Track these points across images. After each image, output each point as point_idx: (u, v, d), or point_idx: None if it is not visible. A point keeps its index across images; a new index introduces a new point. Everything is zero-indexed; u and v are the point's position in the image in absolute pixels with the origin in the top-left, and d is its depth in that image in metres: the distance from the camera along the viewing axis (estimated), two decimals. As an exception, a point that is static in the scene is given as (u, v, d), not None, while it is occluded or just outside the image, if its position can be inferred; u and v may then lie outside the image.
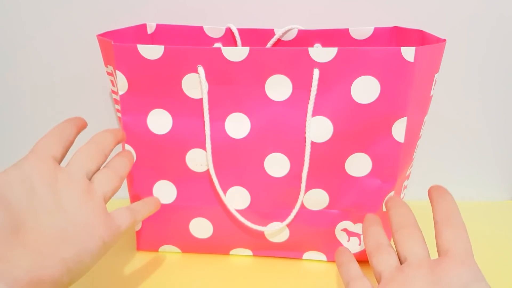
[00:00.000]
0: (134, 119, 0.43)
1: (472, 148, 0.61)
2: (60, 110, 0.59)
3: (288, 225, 0.46)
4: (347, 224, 0.45)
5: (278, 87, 0.41)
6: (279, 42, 0.53)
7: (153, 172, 0.45)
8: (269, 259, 0.48)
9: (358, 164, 0.42)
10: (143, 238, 0.49)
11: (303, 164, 0.42)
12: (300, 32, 0.52)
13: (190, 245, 0.48)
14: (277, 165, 0.43)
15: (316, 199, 0.44)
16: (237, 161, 0.43)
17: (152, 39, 0.54)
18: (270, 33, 0.52)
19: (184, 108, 0.42)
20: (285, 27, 0.51)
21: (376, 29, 0.51)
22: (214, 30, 0.53)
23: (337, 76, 0.40)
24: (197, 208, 0.46)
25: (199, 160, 0.43)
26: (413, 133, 0.43)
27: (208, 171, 0.44)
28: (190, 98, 0.42)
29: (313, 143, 0.42)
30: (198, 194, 0.45)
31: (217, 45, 0.54)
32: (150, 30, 0.54)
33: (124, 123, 0.43)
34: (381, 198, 0.43)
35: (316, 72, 0.39)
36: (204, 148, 0.43)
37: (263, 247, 0.48)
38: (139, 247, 0.49)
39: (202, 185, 0.45)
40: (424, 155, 0.61)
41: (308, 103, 0.40)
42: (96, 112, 0.59)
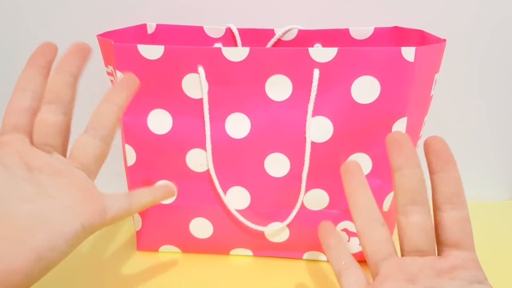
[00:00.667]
0: (134, 119, 0.43)
1: (472, 148, 0.61)
2: (60, 110, 0.59)
3: (288, 225, 0.46)
4: (347, 224, 0.45)
5: (278, 87, 0.41)
6: (279, 42, 0.53)
7: (153, 172, 0.45)
8: (269, 259, 0.48)
9: (358, 164, 0.42)
10: (143, 238, 0.49)
11: (303, 164, 0.42)
12: (300, 32, 0.52)
13: (190, 245, 0.48)
14: (277, 165, 0.43)
15: (316, 199, 0.44)
16: (237, 161, 0.43)
17: (152, 39, 0.54)
18: (270, 33, 0.52)
19: (184, 108, 0.42)
20: (285, 27, 0.51)
21: (376, 29, 0.51)
22: (214, 30, 0.53)
23: (337, 76, 0.40)
24: (197, 208, 0.46)
25: (199, 160, 0.43)
26: (413, 133, 0.43)
27: (208, 171, 0.44)
28: (190, 98, 0.42)
29: (313, 143, 0.42)
30: (198, 194, 0.45)
31: (217, 45, 0.54)
32: (150, 30, 0.54)
33: (124, 123, 0.43)
34: (381, 198, 0.44)
35: (316, 72, 0.39)
36: (204, 148, 0.43)
37: (263, 247, 0.48)
38: (139, 247, 0.49)
39: (202, 185, 0.45)
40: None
41: (308, 103, 0.40)
42: (96, 112, 0.59)
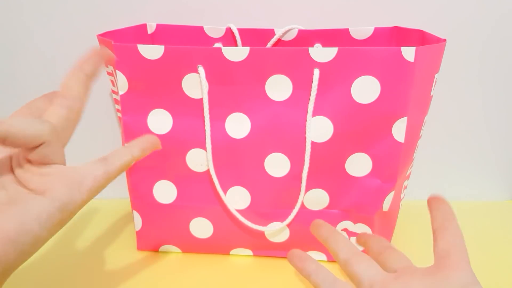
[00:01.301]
0: (134, 119, 0.43)
1: (472, 148, 0.61)
2: (60, 110, 0.59)
3: (288, 225, 0.46)
4: (347, 224, 0.45)
5: (279, 87, 0.41)
6: (279, 42, 0.53)
7: (153, 172, 0.45)
8: (269, 259, 0.48)
9: (358, 164, 0.42)
10: (143, 238, 0.49)
11: (303, 164, 0.42)
12: (300, 32, 0.52)
13: (190, 245, 0.48)
14: (277, 165, 0.43)
15: (316, 199, 0.44)
16: (237, 161, 0.43)
17: (152, 39, 0.54)
18: (270, 33, 0.52)
19: (184, 108, 0.42)
20: (285, 27, 0.51)
21: (376, 29, 0.51)
22: (214, 30, 0.53)
23: (338, 76, 0.40)
24: (197, 208, 0.46)
25: (199, 160, 0.43)
26: (414, 133, 0.43)
27: (208, 171, 0.44)
28: (190, 98, 0.42)
29: (313, 143, 0.42)
30: (198, 194, 0.45)
31: (217, 45, 0.54)
32: (150, 30, 0.54)
33: (124, 123, 0.43)
34: (381, 198, 0.43)
35: (317, 72, 0.39)
36: (204, 148, 0.43)
37: (263, 247, 0.48)
38: (139, 247, 0.49)
39: (202, 185, 0.45)
40: (424, 155, 0.61)
41: (309, 103, 0.40)
42: (96, 112, 0.59)
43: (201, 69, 0.40)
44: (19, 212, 0.26)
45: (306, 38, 0.52)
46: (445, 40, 0.41)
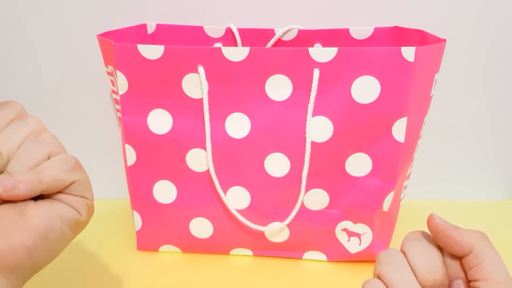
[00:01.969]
0: (134, 119, 0.43)
1: (472, 148, 0.61)
2: (61, 110, 0.59)
3: (288, 225, 0.46)
4: (348, 224, 0.45)
5: (278, 87, 0.41)
6: (279, 42, 0.53)
7: (153, 172, 0.45)
8: (269, 259, 0.48)
9: (358, 164, 0.42)
10: (143, 238, 0.49)
11: (303, 164, 0.42)
12: (300, 32, 0.52)
13: (190, 245, 0.48)
14: (277, 165, 0.43)
15: (316, 199, 0.44)
16: (237, 161, 0.43)
17: (152, 39, 0.54)
18: (270, 33, 0.52)
19: (184, 108, 0.42)
20: (285, 27, 0.51)
21: (376, 29, 0.51)
22: (214, 30, 0.53)
23: (337, 76, 0.40)
24: (197, 208, 0.46)
25: (199, 160, 0.43)
26: (413, 133, 0.43)
27: (208, 171, 0.44)
28: (190, 98, 0.42)
29: (313, 143, 0.42)
30: (198, 194, 0.45)
31: (217, 45, 0.54)
32: (150, 30, 0.54)
33: (124, 123, 0.43)
34: (381, 198, 0.43)
35: (317, 72, 0.39)
36: (204, 148, 0.43)
37: (263, 247, 0.48)
38: (139, 247, 0.49)
39: (202, 185, 0.45)
40: (425, 155, 0.61)
41: (308, 103, 0.40)
42: (96, 112, 0.59)
43: (201, 69, 0.40)
44: (47, 209, 0.27)
45: (306, 38, 0.52)
46: (445, 40, 0.41)
